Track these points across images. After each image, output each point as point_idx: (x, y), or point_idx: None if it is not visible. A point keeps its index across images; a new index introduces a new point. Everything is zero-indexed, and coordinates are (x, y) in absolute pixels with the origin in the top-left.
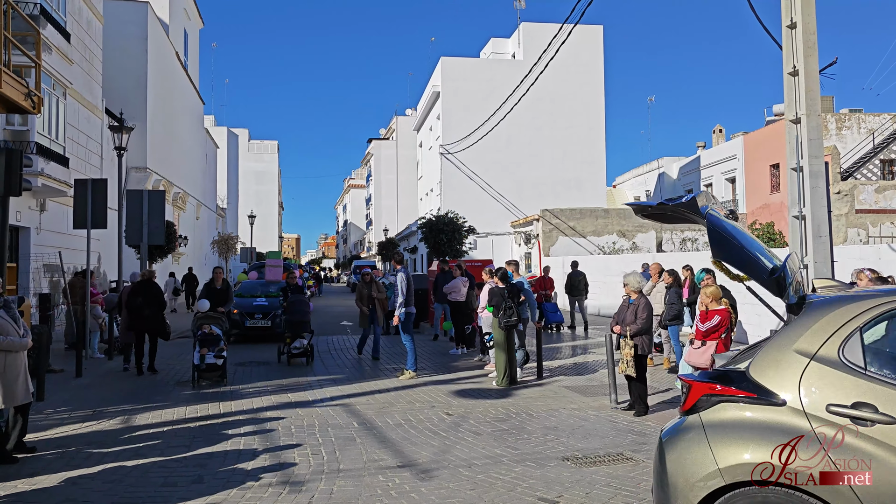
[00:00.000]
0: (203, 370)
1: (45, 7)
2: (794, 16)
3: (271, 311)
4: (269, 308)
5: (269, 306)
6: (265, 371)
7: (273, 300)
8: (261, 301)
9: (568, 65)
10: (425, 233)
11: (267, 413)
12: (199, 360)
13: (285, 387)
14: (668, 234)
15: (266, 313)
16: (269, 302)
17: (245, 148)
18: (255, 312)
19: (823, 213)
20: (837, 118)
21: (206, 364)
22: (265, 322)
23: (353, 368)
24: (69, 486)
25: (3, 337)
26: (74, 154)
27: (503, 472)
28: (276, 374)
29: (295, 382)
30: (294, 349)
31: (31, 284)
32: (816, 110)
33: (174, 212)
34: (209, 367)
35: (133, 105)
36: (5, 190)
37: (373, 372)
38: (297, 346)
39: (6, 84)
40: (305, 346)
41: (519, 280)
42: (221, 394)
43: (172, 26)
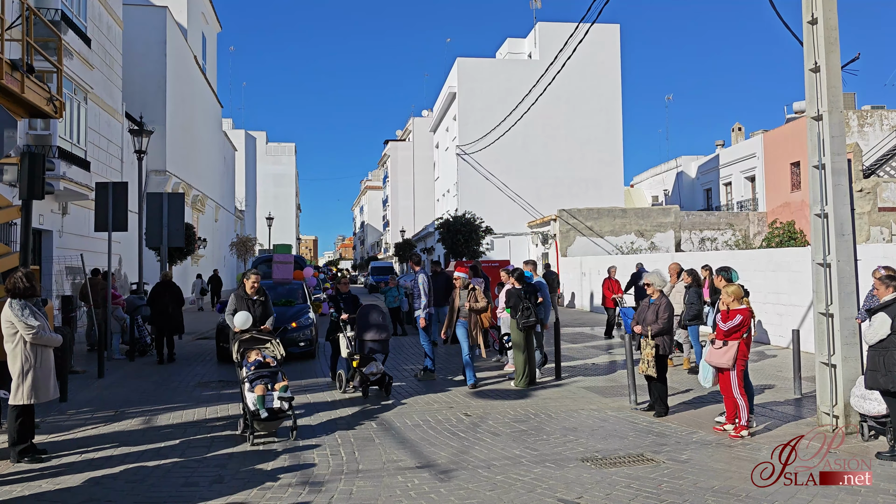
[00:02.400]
0: (265, 419)
1: (66, 13)
2: (815, 11)
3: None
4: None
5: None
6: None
7: (285, 309)
8: None
9: (585, 64)
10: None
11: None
12: (258, 404)
13: (304, 388)
14: (686, 234)
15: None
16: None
17: (263, 150)
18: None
19: (846, 211)
20: (859, 115)
21: (267, 408)
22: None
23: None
24: (92, 485)
25: (43, 331)
26: (95, 158)
27: (522, 472)
28: (293, 374)
29: (313, 383)
30: (369, 376)
31: (54, 287)
32: (839, 107)
33: (193, 214)
34: (272, 414)
35: (152, 109)
36: (28, 193)
37: (390, 373)
38: (371, 370)
39: (29, 89)
40: (382, 371)
41: (538, 280)
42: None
43: (191, 30)
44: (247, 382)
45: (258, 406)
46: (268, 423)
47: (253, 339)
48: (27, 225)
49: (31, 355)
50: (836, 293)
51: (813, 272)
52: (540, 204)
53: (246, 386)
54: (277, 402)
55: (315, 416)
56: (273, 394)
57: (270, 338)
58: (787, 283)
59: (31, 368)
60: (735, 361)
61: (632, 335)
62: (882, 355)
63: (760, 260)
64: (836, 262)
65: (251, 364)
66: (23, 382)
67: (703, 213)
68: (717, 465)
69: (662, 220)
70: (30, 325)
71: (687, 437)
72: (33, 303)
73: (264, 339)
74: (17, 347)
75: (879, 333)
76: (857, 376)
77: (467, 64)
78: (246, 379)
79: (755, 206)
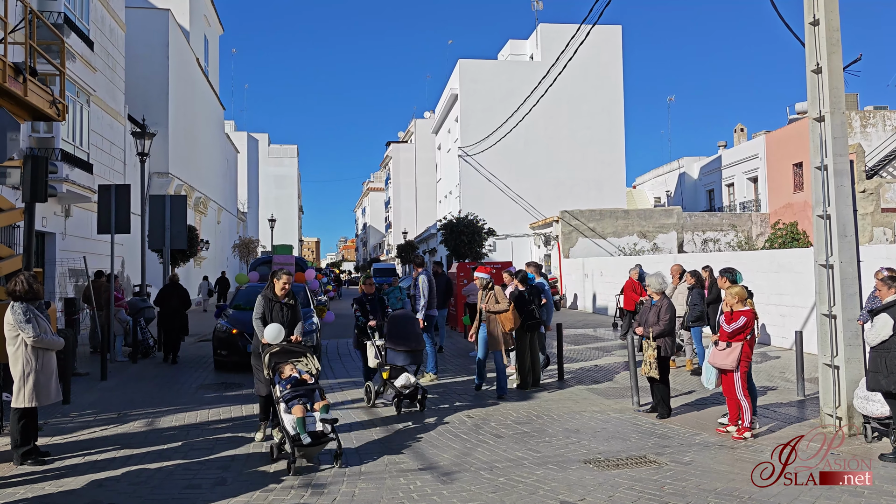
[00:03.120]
0: (307, 444)
1: (68, 16)
2: (817, 12)
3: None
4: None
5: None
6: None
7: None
8: None
9: (586, 65)
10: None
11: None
12: (299, 428)
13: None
14: (689, 235)
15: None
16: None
17: (265, 152)
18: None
19: (849, 212)
20: (862, 116)
21: (309, 432)
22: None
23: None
24: (95, 487)
25: (45, 334)
26: (98, 160)
27: (525, 474)
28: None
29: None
30: (401, 390)
31: (57, 289)
32: (840, 108)
33: (196, 216)
34: (315, 438)
35: (155, 111)
36: (31, 196)
37: None
38: (403, 384)
39: (32, 92)
40: (416, 385)
41: (540, 281)
42: (244, 396)
43: (193, 33)
44: (282, 403)
45: (299, 430)
46: (310, 448)
47: (285, 352)
48: (30, 227)
49: (33, 358)
50: (838, 294)
51: (815, 273)
52: (542, 205)
53: (282, 407)
54: (320, 424)
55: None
56: (314, 415)
57: (305, 350)
58: (789, 284)
59: (32, 371)
60: (739, 363)
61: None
62: (884, 357)
63: (763, 261)
64: (839, 264)
65: (286, 381)
66: (24, 385)
67: (706, 215)
68: (720, 467)
69: (665, 221)
70: (28, 331)
71: (690, 438)
72: (36, 306)
73: (298, 351)
74: (19, 350)
75: (881, 335)
76: (860, 378)
77: (469, 65)
78: (281, 399)
79: (758, 207)
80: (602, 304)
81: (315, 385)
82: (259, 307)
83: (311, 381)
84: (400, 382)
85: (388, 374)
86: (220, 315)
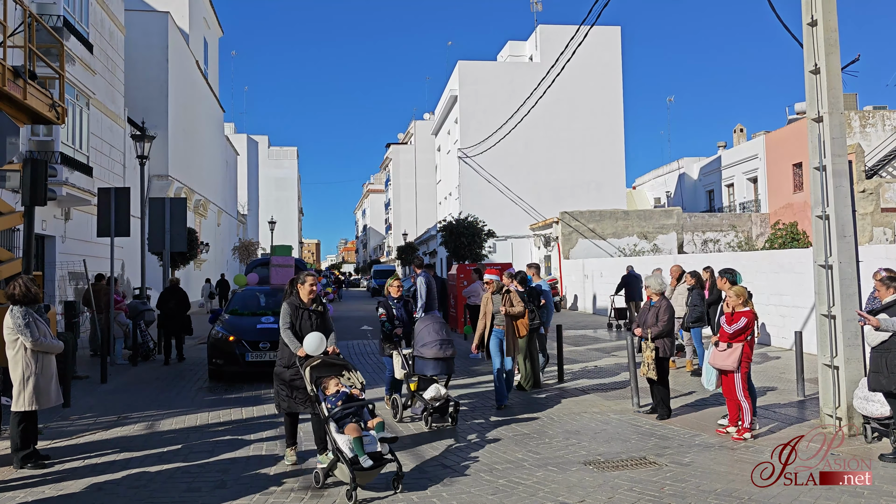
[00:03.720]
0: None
1: (68, 19)
2: (815, 13)
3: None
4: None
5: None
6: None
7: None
8: (269, 321)
9: (586, 66)
10: (445, 236)
11: None
12: (357, 450)
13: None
14: (689, 236)
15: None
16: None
17: (265, 154)
18: (260, 340)
19: (848, 212)
20: (861, 116)
21: (367, 453)
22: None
23: (372, 373)
24: (95, 491)
25: (43, 338)
26: (98, 163)
27: (524, 476)
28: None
29: None
30: (431, 403)
31: (57, 292)
32: (839, 108)
33: (196, 219)
34: (376, 460)
35: (154, 114)
36: (31, 199)
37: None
38: (433, 395)
39: (31, 96)
40: (447, 396)
41: (538, 283)
42: (244, 399)
43: (192, 35)
44: (332, 422)
45: (357, 452)
46: (369, 472)
47: (327, 366)
48: (30, 230)
49: (33, 362)
50: (838, 295)
51: (815, 274)
52: (542, 206)
53: (332, 426)
54: (378, 444)
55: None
56: (371, 434)
57: (345, 363)
58: (789, 284)
59: (32, 375)
60: (739, 364)
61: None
62: (884, 357)
63: (763, 261)
64: (838, 264)
65: (335, 397)
66: (24, 389)
67: (706, 215)
68: (719, 467)
69: (665, 221)
70: (28, 335)
71: (690, 439)
72: (35, 309)
73: (339, 364)
74: (19, 354)
75: (881, 335)
76: (860, 378)
77: (469, 67)
78: (331, 417)
79: (757, 208)
80: (602, 305)
81: (364, 401)
82: (286, 316)
83: (362, 395)
84: (429, 394)
85: (416, 386)
86: (216, 320)
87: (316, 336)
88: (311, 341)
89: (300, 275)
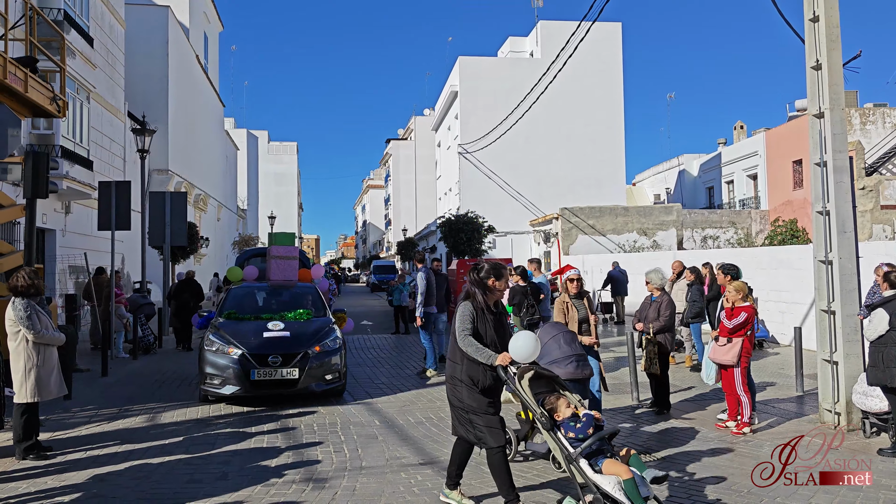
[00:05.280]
0: None
1: (68, 12)
2: (817, 9)
3: (301, 346)
4: (296, 341)
5: (294, 338)
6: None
7: (301, 325)
8: (277, 328)
9: (586, 63)
10: (444, 232)
11: (289, 411)
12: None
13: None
14: (688, 232)
15: (290, 354)
16: (294, 328)
17: (265, 149)
18: (269, 353)
19: (848, 208)
20: (861, 113)
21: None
22: (290, 371)
23: (373, 367)
24: (97, 482)
25: (45, 330)
26: (98, 157)
27: (525, 469)
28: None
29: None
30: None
31: (57, 286)
32: (840, 105)
33: (196, 213)
34: None
35: (155, 108)
36: (32, 192)
37: (393, 371)
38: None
39: (32, 89)
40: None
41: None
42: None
43: (193, 30)
44: (582, 460)
45: (632, 498)
46: None
47: (545, 379)
48: (31, 224)
49: (34, 354)
50: (837, 290)
51: (815, 269)
52: (542, 202)
53: (583, 464)
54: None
55: (318, 414)
56: (642, 475)
57: (555, 375)
58: (788, 280)
59: (34, 367)
60: (739, 358)
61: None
62: (881, 351)
63: (762, 258)
64: (838, 260)
65: (571, 424)
66: (26, 380)
67: (706, 212)
68: (719, 461)
69: (664, 218)
70: (30, 327)
71: (689, 434)
72: (37, 301)
73: (551, 376)
74: (20, 346)
75: (878, 329)
76: (859, 373)
77: (469, 62)
78: (580, 453)
79: (757, 205)
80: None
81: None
82: (467, 320)
83: (602, 420)
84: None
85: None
86: (207, 326)
87: (528, 337)
88: (522, 344)
89: (485, 263)
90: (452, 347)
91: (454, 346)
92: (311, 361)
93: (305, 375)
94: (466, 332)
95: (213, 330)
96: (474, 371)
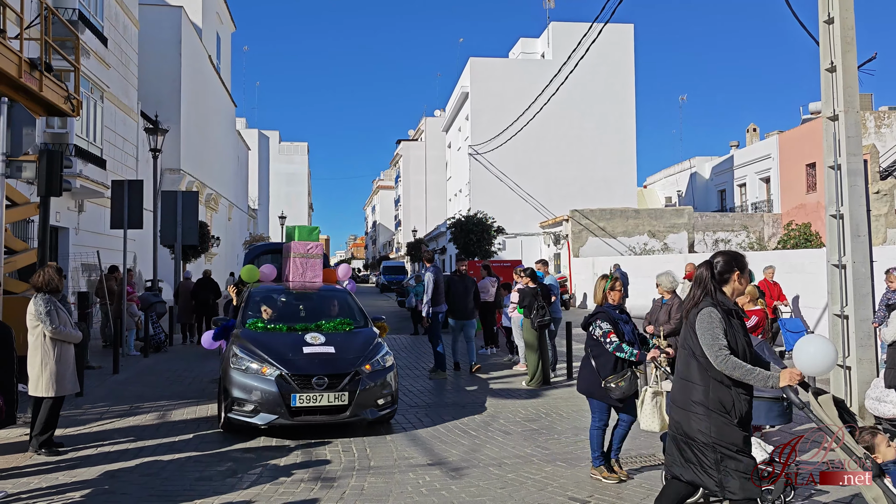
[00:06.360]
0: None
1: (83, 12)
2: (832, 10)
3: (351, 365)
4: (343, 358)
5: (340, 355)
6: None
7: (344, 338)
8: (318, 341)
9: (598, 64)
10: (454, 233)
11: None
12: None
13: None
14: (700, 235)
15: (338, 375)
16: (337, 342)
17: (276, 150)
18: (314, 373)
19: (862, 211)
20: (876, 116)
21: None
22: (338, 395)
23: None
24: (108, 478)
25: (63, 327)
26: (111, 156)
27: (533, 471)
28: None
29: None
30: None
31: (70, 283)
32: (855, 107)
33: (207, 213)
34: None
35: (167, 108)
36: (46, 191)
37: (402, 372)
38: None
39: (47, 88)
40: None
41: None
42: None
43: (205, 30)
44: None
45: None
46: None
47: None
48: (45, 221)
49: (51, 349)
50: (851, 295)
51: (828, 273)
52: (552, 204)
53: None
54: None
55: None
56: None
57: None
58: (801, 284)
59: (50, 361)
60: None
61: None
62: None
63: (775, 261)
64: (852, 264)
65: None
66: (42, 375)
67: (717, 215)
68: None
69: (675, 221)
70: (48, 322)
71: None
72: (59, 298)
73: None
74: (38, 340)
75: (894, 332)
76: (872, 378)
77: (480, 64)
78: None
79: (770, 208)
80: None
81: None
82: (719, 332)
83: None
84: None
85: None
86: (225, 335)
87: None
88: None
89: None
90: (685, 362)
91: (687, 360)
92: (363, 383)
93: (357, 401)
94: (724, 347)
95: (239, 343)
96: (724, 395)
